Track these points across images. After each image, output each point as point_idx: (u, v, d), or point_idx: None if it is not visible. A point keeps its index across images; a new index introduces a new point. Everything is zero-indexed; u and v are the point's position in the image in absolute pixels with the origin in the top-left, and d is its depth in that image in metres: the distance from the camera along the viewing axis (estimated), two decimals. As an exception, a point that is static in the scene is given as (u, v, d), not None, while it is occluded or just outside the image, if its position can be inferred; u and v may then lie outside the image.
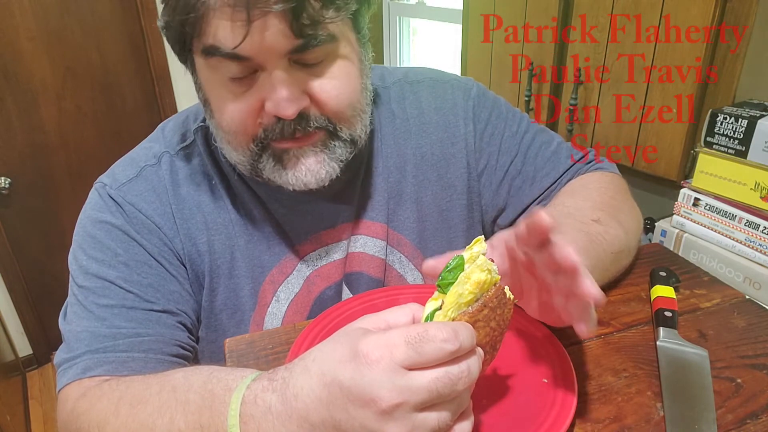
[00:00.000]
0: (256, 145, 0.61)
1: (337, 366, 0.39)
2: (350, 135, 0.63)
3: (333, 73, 0.59)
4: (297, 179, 0.62)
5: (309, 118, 0.59)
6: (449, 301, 0.42)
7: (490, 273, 0.42)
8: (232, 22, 0.52)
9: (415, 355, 0.37)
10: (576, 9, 1.28)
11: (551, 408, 0.48)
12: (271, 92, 0.56)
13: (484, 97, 0.80)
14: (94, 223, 0.66)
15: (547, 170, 0.78)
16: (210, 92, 0.61)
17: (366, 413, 0.37)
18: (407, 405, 0.37)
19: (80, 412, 0.55)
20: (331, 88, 0.59)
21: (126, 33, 2.36)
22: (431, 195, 0.77)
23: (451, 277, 0.43)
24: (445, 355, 0.38)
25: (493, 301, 0.43)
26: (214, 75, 0.58)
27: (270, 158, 0.62)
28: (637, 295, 0.68)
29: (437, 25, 2.31)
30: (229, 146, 0.63)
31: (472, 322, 0.42)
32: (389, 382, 0.37)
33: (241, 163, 0.64)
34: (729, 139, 0.94)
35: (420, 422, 0.37)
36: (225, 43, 0.53)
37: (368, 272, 0.75)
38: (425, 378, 0.37)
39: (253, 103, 0.58)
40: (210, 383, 0.47)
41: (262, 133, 0.60)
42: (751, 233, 0.93)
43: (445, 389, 0.38)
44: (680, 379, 0.53)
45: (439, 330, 0.38)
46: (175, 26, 0.55)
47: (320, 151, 0.62)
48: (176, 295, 0.67)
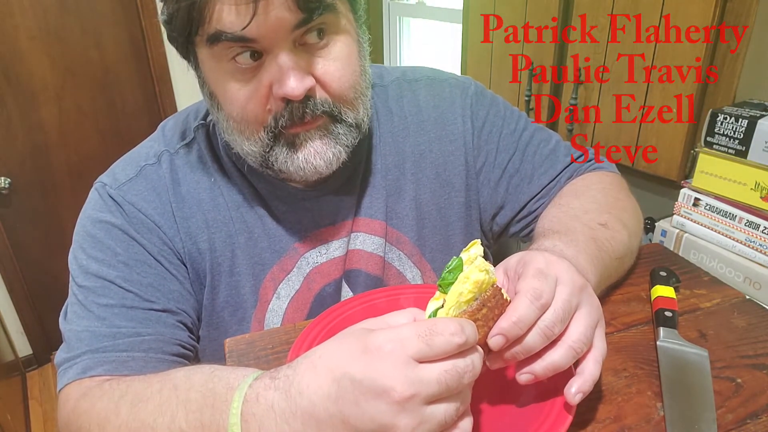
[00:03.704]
0: (267, 134, 0.61)
1: (347, 361, 0.39)
2: (354, 118, 0.64)
3: (335, 55, 0.60)
4: (307, 162, 0.62)
5: (315, 100, 0.60)
6: (450, 300, 0.43)
7: (487, 273, 0.44)
8: (237, 5, 0.52)
9: (426, 348, 0.38)
10: (576, 9, 1.28)
11: (551, 408, 0.48)
12: (278, 74, 0.57)
13: (482, 95, 0.80)
14: (94, 223, 0.66)
15: (545, 168, 0.78)
16: (216, 84, 0.61)
17: (378, 405, 0.38)
18: (418, 397, 0.38)
19: (81, 412, 0.55)
20: (334, 69, 0.60)
21: (126, 33, 2.36)
22: (429, 193, 0.77)
23: (451, 277, 0.44)
24: (454, 348, 0.39)
25: (491, 301, 0.44)
26: (219, 64, 0.58)
27: (283, 147, 0.62)
28: (637, 295, 0.68)
29: (437, 25, 2.31)
30: (240, 136, 0.63)
31: (472, 320, 0.43)
32: (401, 374, 0.37)
33: (252, 155, 0.64)
34: (729, 139, 0.94)
35: (428, 415, 0.38)
36: (231, 27, 0.54)
37: (367, 269, 0.75)
38: (435, 370, 0.38)
39: (261, 88, 0.58)
40: (211, 382, 0.47)
41: (272, 120, 0.60)
42: (751, 233, 0.93)
43: (453, 381, 0.39)
44: (680, 379, 0.53)
45: (446, 324, 0.39)
46: (180, 15, 0.55)
47: (325, 135, 0.62)
48: (176, 294, 0.67)
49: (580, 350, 0.45)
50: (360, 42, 0.64)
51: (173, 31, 0.58)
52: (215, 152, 0.71)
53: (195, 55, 0.61)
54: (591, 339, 0.46)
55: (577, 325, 0.46)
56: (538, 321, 0.44)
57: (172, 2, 0.55)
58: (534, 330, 0.44)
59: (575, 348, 0.45)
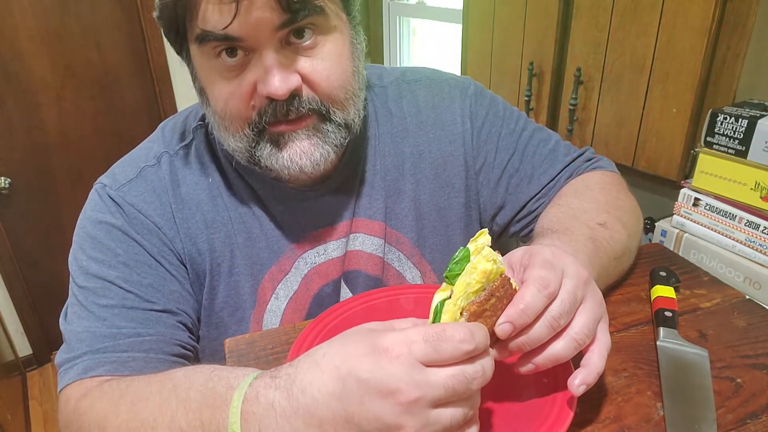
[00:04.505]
0: (252, 130, 0.61)
1: (354, 360, 0.39)
2: (344, 119, 0.63)
3: (324, 55, 0.60)
4: (292, 161, 0.62)
5: (301, 99, 0.60)
6: (458, 291, 0.43)
7: (495, 263, 0.43)
8: (220, 4, 0.53)
9: (433, 352, 0.38)
10: (576, 9, 1.28)
11: (551, 408, 0.48)
12: (262, 73, 0.57)
13: (482, 95, 0.80)
14: (94, 224, 0.66)
15: (544, 168, 0.78)
16: (205, 79, 0.62)
17: (383, 406, 0.38)
18: (424, 400, 0.38)
19: (81, 412, 0.55)
20: (322, 69, 0.60)
21: (126, 33, 2.36)
22: (429, 193, 0.77)
23: (458, 268, 0.44)
24: (462, 354, 0.39)
25: (500, 291, 0.43)
26: (207, 62, 0.59)
27: (267, 144, 0.62)
28: (637, 295, 0.68)
29: (437, 25, 2.31)
30: (225, 132, 0.63)
31: (480, 311, 0.43)
32: (408, 376, 0.38)
33: (238, 151, 0.64)
34: (729, 139, 0.94)
35: (434, 418, 0.38)
36: (215, 26, 0.54)
37: (366, 270, 0.75)
38: (442, 374, 0.38)
39: (245, 85, 0.58)
40: (211, 381, 0.47)
41: (256, 116, 0.60)
42: (751, 233, 0.93)
43: (461, 386, 0.39)
44: (680, 379, 0.53)
45: (456, 330, 0.39)
46: (167, 12, 0.56)
47: (312, 135, 0.62)
48: (176, 294, 0.67)
49: (582, 343, 0.45)
50: (353, 42, 0.64)
51: (163, 27, 0.59)
52: (214, 153, 0.71)
53: (188, 51, 0.62)
54: (594, 332, 0.46)
55: (580, 317, 0.46)
56: (545, 312, 0.44)
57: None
58: (541, 321, 0.44)
59: (578, 340, 0.45)
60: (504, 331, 0.44)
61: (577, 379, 0.45)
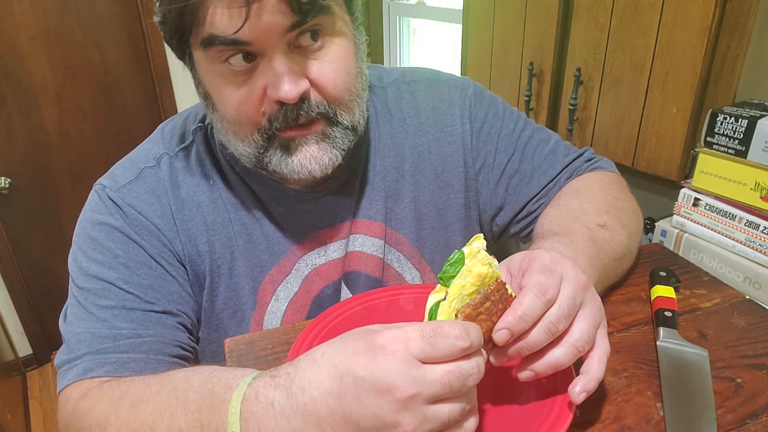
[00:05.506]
0: (261, 136, 0.61)
1: (351, 358, 0.39)
2: (350, 121, 0.63)
3: (330, 57, 0.60)
4: (302, 167, 0.62)
5: (310, 102, 0.59)
6: (453, 293, 0.43)
7: (491, 267, 0.43)
8: (229, 8, 0.52)
9: (429, 349, 0.39)
10: (576, 9, 1.28)
11: (551, 408, 0.48)
12: (272, 77, 0.57)
13: (481, 96, 0.80)
14: (93, 225, 0.66)
15: (544, 168, 0.78)
16: (210, 85, 0.61)
17: (380, 403, 0.38)
18: (421, 396, 0.38)
19: (81, 413, 0.55)
20: (329, 72, 0.60)
21: (126, 33, 2.36)
22: (429, 194, 0.77)
23: (452, 270, 0.44)
24: (457, 351, 0.39)
25: (495, 295, 0.44)
26: (213, 66, 0.58)
27: (277, 149, 0.62)
28: (637, 295, 0.68)
29: (437, 25, 2.31)
30: (234, 138, 0.63)
31: (474, 314, 0.43)
32: (405, 372, 0.38)
33: (246, 156, 0.63)
34: (729, 139, 0.94)
35: (431, 415, 0.38)
36: (224, 30, 0.53)
37: (366, 271, 0.75)
38: (439, 371, 0.39)
39: (255, 90, 0.58)
40: (210, 382, 0.47)
41: (266, 122, 0.60)
42: (751, 233, 0.93)
43: (457, 383, 0.39)
44: (680, 379, 0.53)
45: (452, 327, 0.39)
46: (172, 17, 0.55)
47: (321, 140, 0.62)
48: (176, 296, 0.67)
49: (582, 349, 0.45)
50: (356, 43, 0.64)
51: (166, 32, 0.58)
52: (213, 155, 0.71)
53: (190, 56, 0.61)
54: (593, 338, 0.46)
55: (580, 323, 0.46)
56: (543, 317, 0.44)
57: (165, 3, 0.55)
58: (539, 326, 0.44)
59: (577, 346, 0.45)
60: (502, 337, 0.44)
61: (577, 387, 0.45)
